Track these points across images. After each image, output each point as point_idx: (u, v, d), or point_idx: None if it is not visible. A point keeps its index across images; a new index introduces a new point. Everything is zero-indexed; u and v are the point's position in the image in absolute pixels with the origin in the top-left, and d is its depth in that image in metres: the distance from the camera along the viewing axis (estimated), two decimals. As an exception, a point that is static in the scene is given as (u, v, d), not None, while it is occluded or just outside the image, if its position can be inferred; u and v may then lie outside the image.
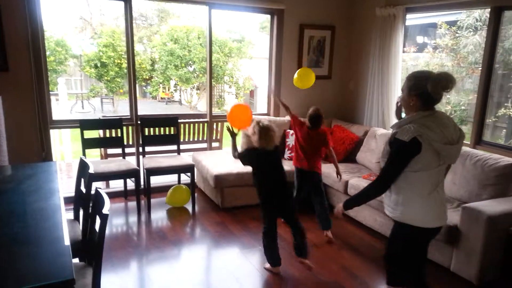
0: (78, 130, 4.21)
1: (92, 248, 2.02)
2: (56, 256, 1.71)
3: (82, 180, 2.67)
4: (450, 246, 3.09)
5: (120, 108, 14.98)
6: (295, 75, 3.79)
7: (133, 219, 4.07)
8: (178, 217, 4.20)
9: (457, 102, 9.12)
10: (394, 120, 4.61)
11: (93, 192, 2.29)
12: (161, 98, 18.67)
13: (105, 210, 1.91)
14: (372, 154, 4.34)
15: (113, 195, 4.52)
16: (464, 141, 2.14)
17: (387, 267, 2.38)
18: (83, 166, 2.69)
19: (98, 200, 2.13)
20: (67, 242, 1.84)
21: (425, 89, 1.98)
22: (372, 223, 3.86)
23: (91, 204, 2.24)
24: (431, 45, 9.08)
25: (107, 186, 4.89)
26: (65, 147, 6.41)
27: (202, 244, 3.62)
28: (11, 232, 1.91)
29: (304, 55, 5.12)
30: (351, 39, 5.28)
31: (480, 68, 8.77)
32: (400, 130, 2.03)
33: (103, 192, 2.13)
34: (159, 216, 4.19)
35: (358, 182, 3.95)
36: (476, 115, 3.90)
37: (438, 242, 3.15)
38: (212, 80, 4.82)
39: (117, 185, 4.72)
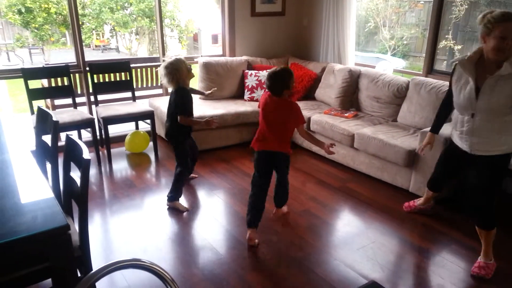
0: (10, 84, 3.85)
1: (75, 197, 1.93)
2: (43, 207, 1.62)
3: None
4: (409, 169, 3.34)
5: (53, 58, 13.83)
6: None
7: (95, 170, 3.92)
8: (142, 164, 4.12)
9: (400, 37, 9.46)
10: (350, 55, 4.69)
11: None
12: (96, 45, 17.43)
13: (85, 155, 1.81)
14: (331, 89, 4.42)
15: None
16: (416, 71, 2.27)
17: (486, 210, 2.40)
18: (43, 116, 2.50)
19: (72, 148, 2.02)
20: (49, 191, 1.75)
21: None
22: (335, 156, 4.02)
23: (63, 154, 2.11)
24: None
25: (59, 139, 4.61)
26: (1, 102, 5.88)
27: (172, 188, 3.59)
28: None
29: (258, -9, 4.94)
30: (303, -27, 5.14)
31: (422, 3, 8.95)
32: None
33: (76, 139, 2.01)
34: (122, 166, 4.07)
35: (320, 118, 4.05)
36: (428, 45, 4.06)
37: (398, 167, 3.39)
38: (152, 24, 4.54)
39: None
